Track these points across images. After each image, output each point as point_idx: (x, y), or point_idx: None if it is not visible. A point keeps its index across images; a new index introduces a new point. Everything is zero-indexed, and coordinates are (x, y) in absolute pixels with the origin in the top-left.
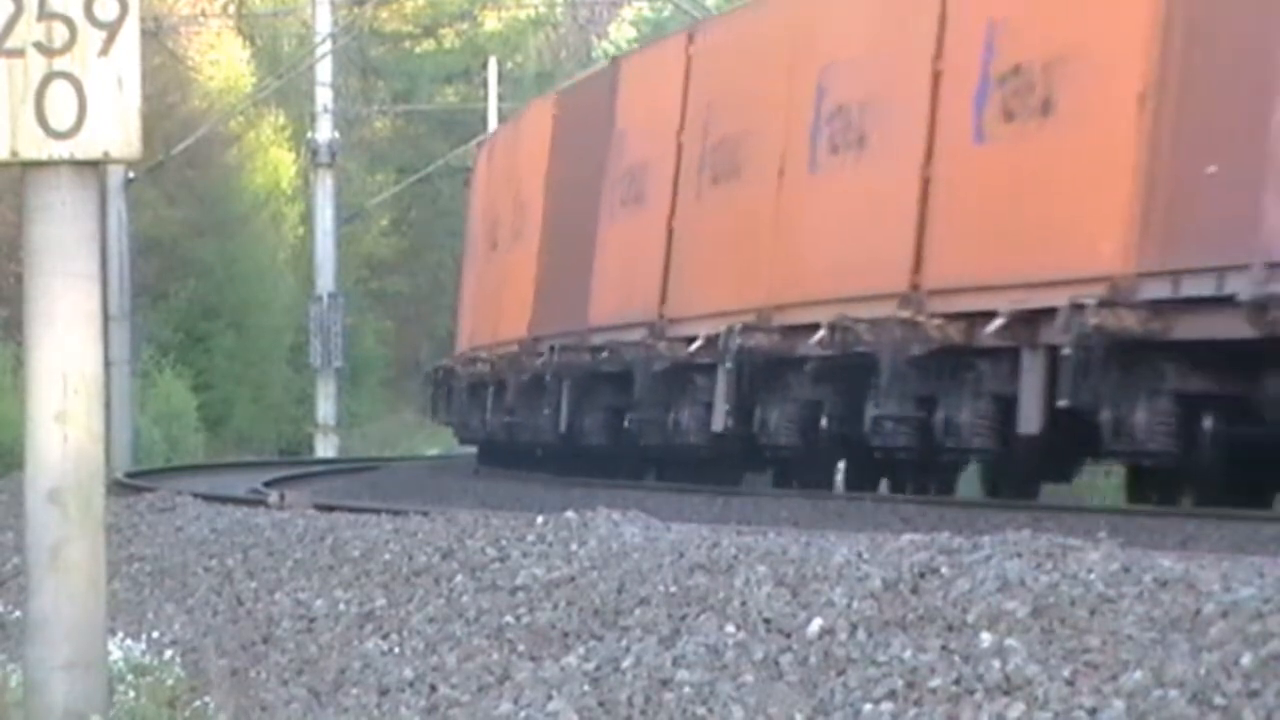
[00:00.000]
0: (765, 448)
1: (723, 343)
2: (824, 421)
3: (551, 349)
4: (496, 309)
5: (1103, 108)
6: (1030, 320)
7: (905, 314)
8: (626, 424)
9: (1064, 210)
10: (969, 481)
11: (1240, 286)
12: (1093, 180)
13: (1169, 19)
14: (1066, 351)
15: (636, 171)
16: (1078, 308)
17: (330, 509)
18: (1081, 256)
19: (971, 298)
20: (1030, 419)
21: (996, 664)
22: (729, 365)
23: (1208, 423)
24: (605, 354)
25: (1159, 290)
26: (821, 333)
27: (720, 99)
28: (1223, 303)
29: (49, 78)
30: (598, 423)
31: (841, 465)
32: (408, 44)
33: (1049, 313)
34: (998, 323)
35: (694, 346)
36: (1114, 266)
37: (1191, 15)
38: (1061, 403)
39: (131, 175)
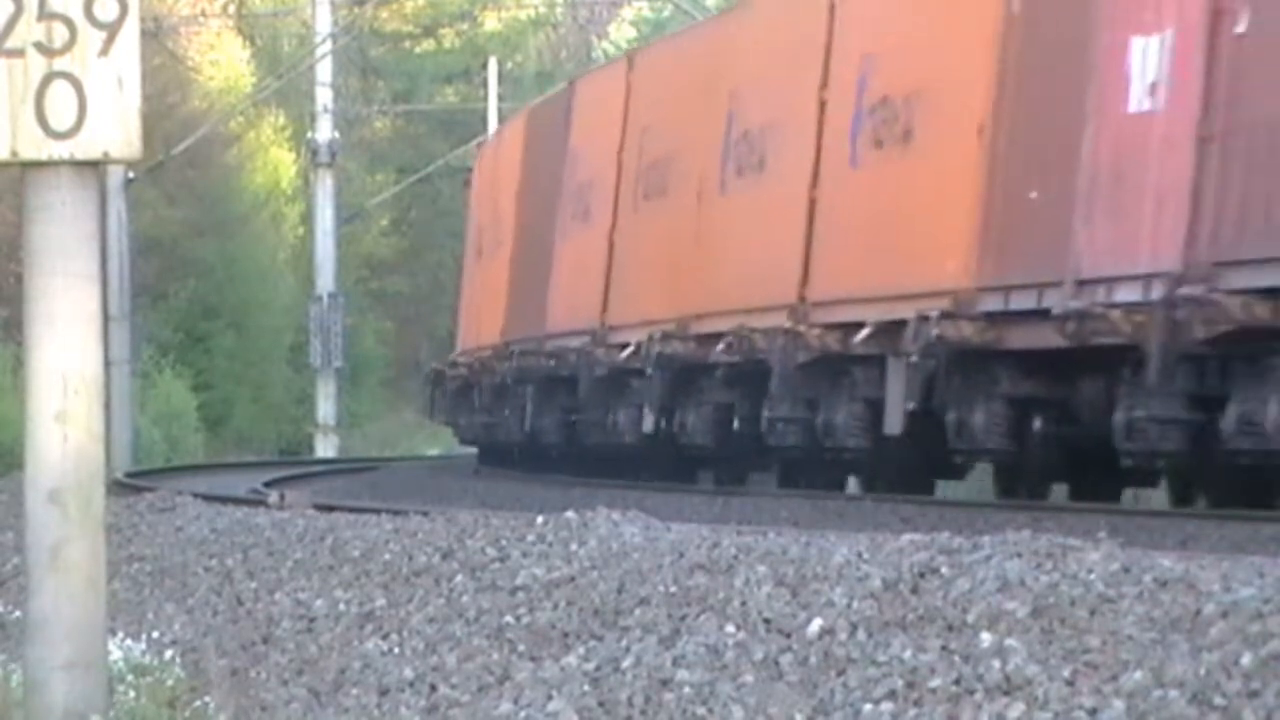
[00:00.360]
0: (685, 447)
1: (645, 350)
2: (735, 423)
3: (513, 354)
4: (479, 314)
5: (950, 138)
6: (892, 330)
7: (790, 324)
8: (574, 425)
9: (919, 230)
10: (969, 486)
11: (1054, 301)
12: (942, 204)
13: (1004, 60)
14: (914, 359)
15: (585, 188)
16: (924, 319)
17: (330, 509)
18: (931, 273)
19: (846, 309)
20: (893, 421)
21: (996, 664)
22: (650, 371)
23: (1037, 423)
24: (553, 360)
25: (993, 304)
26: (726, 341)
27: (653, 122)
28: (1042, 315)
29: (49, 78)
30: (554, 423)
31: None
32: (408, 44)
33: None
34: (865, 332)
35: (625, 353)
36: (957, 282)
37: (1021, 58)
38: (909, 406)
39: (131, 175)
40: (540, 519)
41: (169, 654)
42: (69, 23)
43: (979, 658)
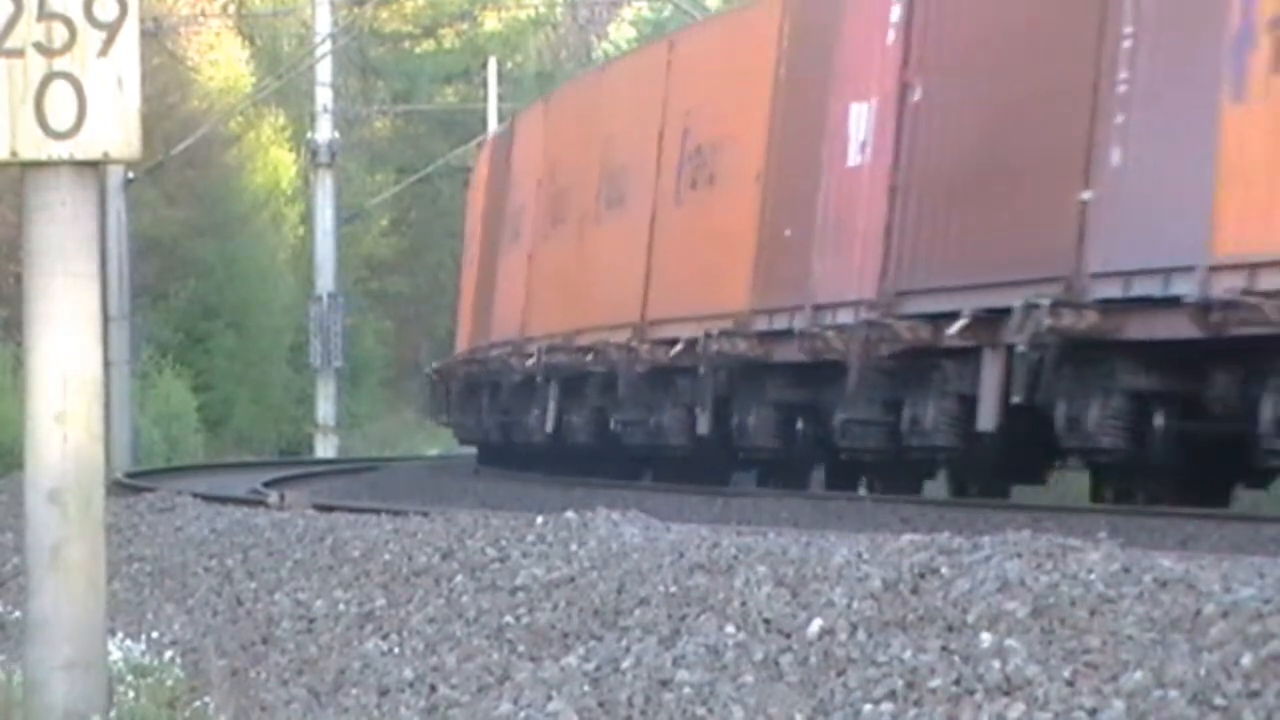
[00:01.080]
0: (569, 446)
1: (539, 358)
2: (612, 424)
3: (468, 360)
4: (459, 319)
5: (738, 182)
6: (691, 346)
7: (633, 340)
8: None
9: (718, 260)
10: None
11: (798, 324)
12: (732, 238)
13: (773, 118)
14: (702, 370)
15: (518, 212)
16: (709, 336)
17: (330, 509)
18: (724, 296)
19: (670, 327)
20: (703, 423)
21: (996, 664)
22: (539, 378)
23: (800, 424)
24: (481, 366)
25: (762, 324)
26: (591, 354)
27: (559, 157)
28: (789, 335)
29: (49, 78)
30: (496, 423)
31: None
32: (408, 44)
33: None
34: (679, 347)
35: (529, 362)
36: (738, 305)
37: (785, 116)
38: (698, 411)
39: (131, 175)
40: (540, 519)
41: (169, 654)
42: (69, 23)
43: (979, 658)
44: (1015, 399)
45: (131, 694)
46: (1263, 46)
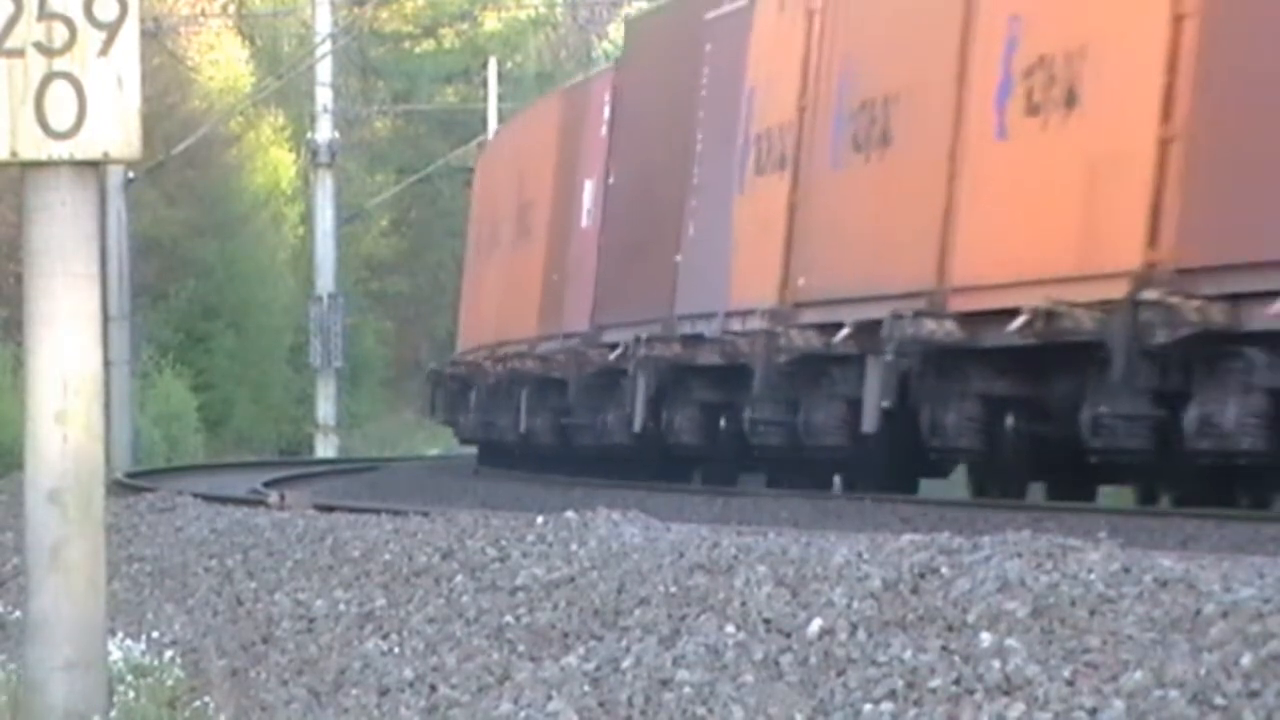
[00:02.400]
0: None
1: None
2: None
3: (454, 363)
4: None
5: (535, 236)
6: (633, 346)
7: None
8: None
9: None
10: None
11: (549, 348)
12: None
13: (556, 186)
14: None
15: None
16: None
17: (330, 509)
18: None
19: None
20: (637, 421)
21: (996, 664)
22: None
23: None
24: (466, 368)
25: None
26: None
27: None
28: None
29: (49, 78)
30: (479, 422)
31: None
32: (408, 44)
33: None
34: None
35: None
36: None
37: (561, 186)
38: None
39: (131, 175)
40: (540, 519)
41: (169, 654)
42: (69, 23)
43: (979, 658)
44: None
45: (131, 694)
46: (750, 155)
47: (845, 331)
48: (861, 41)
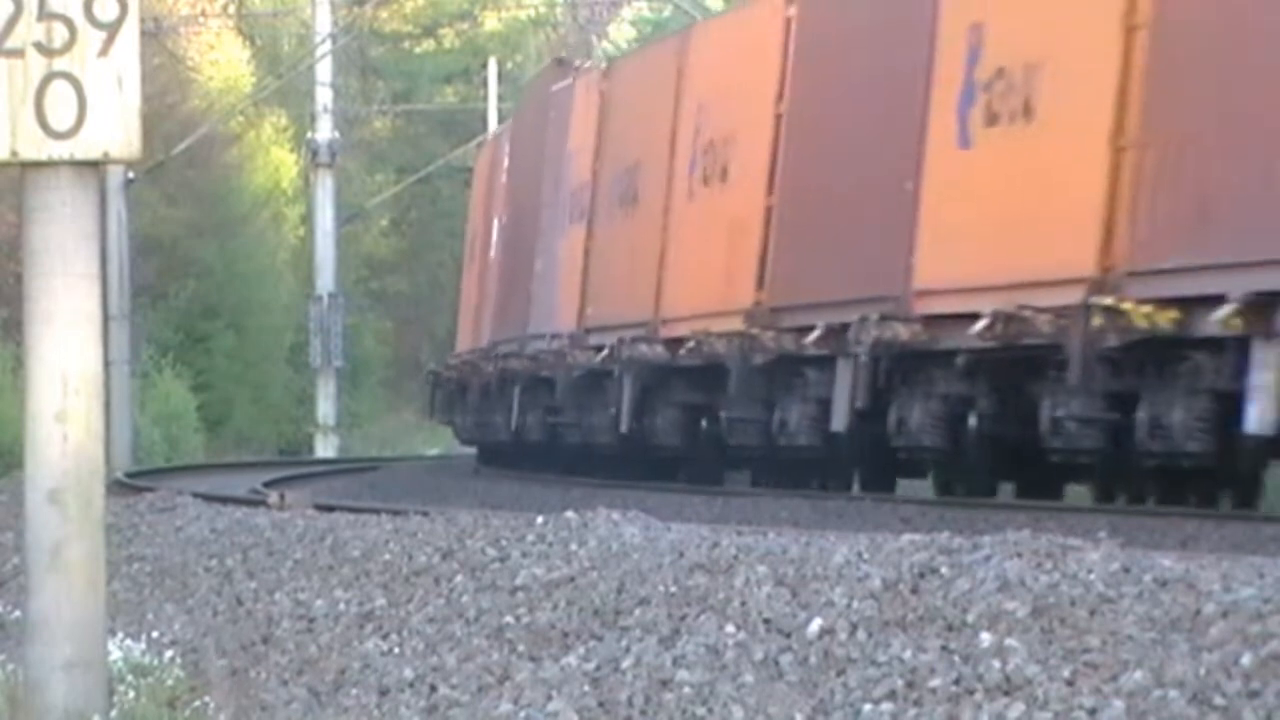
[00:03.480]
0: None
1: (496, 364)
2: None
3: (448, 365)
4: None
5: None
6: (618, 346)
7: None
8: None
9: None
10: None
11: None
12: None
13: (501, 221)
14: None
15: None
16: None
17: (330, 509)
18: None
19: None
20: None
21: (996, 664)
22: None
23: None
24: (461, 369)
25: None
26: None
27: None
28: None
29: (49, 78)
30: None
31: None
32: (408, 44)
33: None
34: (604, 353)
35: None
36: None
37: (502, 221)
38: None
39: (131, 175)
40: (540, 519)
41: (169, 654)
42: (69, 23)
43: (979, 658)
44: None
45: (131, 694)
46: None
47: (605, 352)
48: (623, 117)
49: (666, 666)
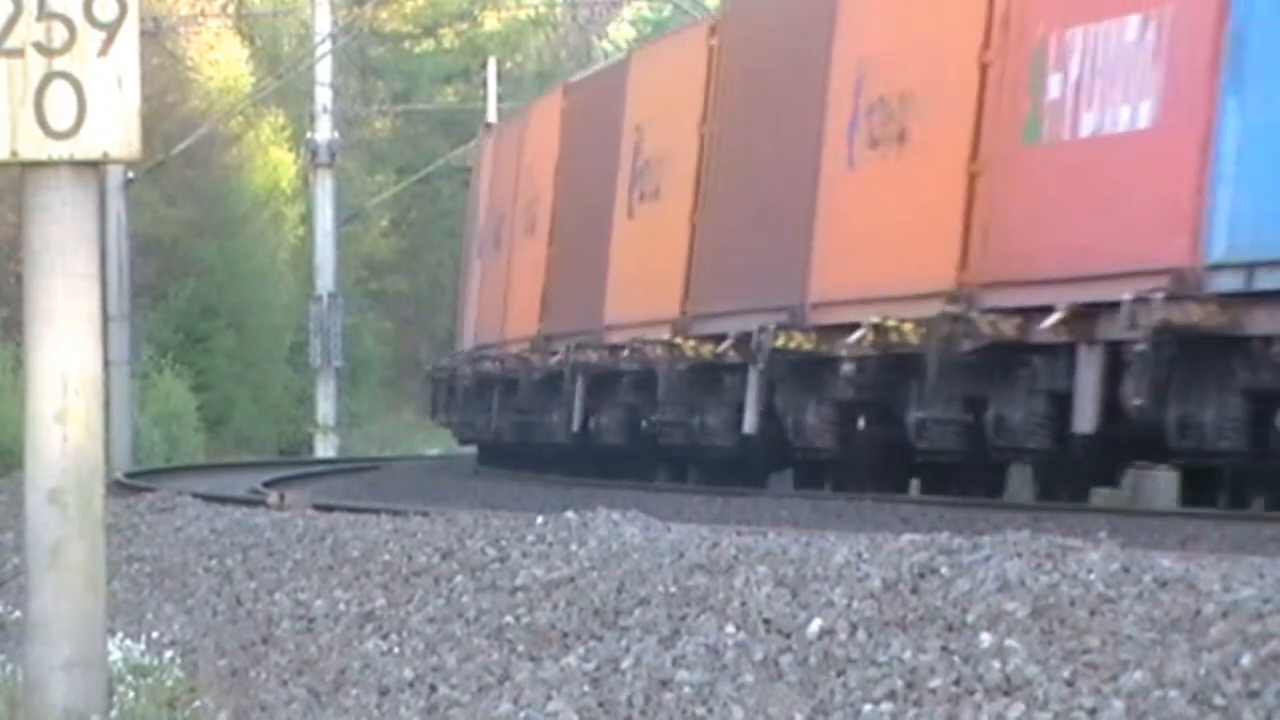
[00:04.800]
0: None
1: (473, 367)
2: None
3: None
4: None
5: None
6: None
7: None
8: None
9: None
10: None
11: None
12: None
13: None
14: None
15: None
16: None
17: (330, 509)
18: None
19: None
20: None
21: (996, 664)
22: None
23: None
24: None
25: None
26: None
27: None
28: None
29: (49, 78)
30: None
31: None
32: (407, 44)
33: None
34: (558, 357)
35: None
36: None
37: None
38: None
39: (131, 175)
40: (540, 519)
41: (169, 654)
42: (68, 23)
43: (979, 658)
44: None
45: (131, 694)
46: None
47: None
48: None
49: (666, 667)
